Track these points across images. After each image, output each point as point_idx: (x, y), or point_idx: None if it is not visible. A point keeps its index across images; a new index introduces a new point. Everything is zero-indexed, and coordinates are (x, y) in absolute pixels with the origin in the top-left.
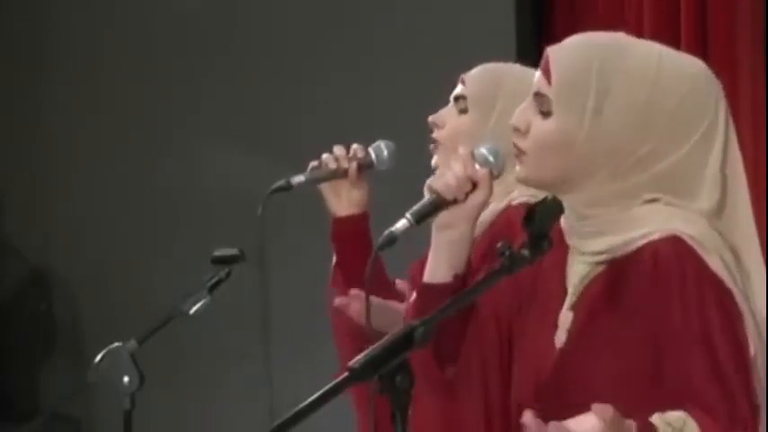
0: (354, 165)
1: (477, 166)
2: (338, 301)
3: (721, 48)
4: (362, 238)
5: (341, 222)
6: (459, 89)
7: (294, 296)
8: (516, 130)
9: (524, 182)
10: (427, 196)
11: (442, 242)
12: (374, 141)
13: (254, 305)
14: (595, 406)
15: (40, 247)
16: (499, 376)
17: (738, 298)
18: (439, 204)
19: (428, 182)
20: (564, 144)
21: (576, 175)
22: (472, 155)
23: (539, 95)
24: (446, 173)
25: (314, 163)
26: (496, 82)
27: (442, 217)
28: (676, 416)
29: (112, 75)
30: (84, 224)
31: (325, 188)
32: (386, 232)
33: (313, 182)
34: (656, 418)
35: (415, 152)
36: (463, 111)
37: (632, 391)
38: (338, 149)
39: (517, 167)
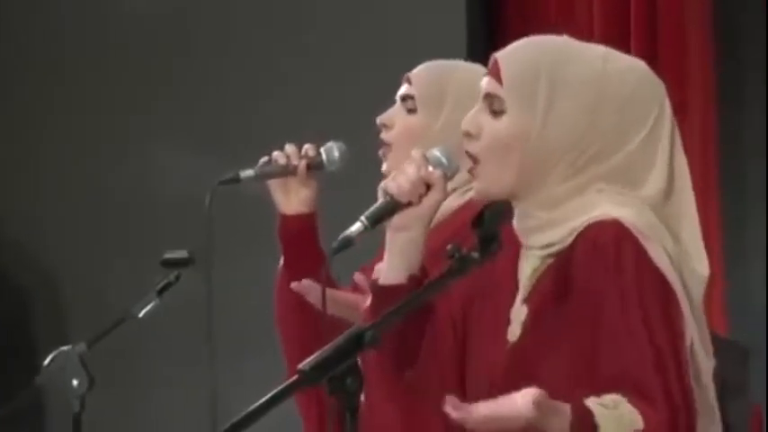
0: (304, 163)
1: (430, 168)
2: (295, 285)
3: (670, 49)
4: (309, 235)
5: (288, 220)
6: (405, 89)
7: (240, 297)
8: (468, 134)
9: (483, 194)
10: (381, 199)
11: (397, 244)
12: (327, 142)
13: (205, 307)
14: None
15: None
16: (457, 377)
17: (677, 287)
18: (393, 207)
19: (382, 184)
20: (519, 140)
21: (531, 177)
22: (425, 157)
23: (489, 96)
24: (399, 175)
25: (264, 159)
26: (444, 80)
27: (397, 219)
28: (610, 397)
29: (64, 77)
30: (34, 225)
31: (274, 185)
32: (341, 236)
33: (262, 177)
34: (590, 401)
35: (368, 153)
36: (411, 110)
37: (583, 382)
38: (289, 147)
39: (473, 183)
